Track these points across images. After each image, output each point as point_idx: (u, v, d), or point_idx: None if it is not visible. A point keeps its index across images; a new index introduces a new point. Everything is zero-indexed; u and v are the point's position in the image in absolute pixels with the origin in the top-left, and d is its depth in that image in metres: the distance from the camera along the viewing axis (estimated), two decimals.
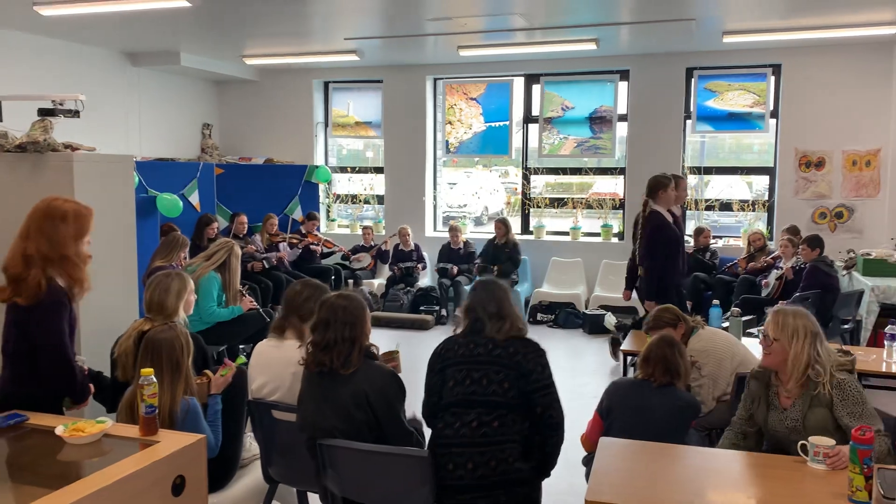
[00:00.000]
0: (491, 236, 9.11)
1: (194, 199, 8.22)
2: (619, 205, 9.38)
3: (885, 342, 4.30)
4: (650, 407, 3.19)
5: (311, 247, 8.96)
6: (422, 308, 8.65)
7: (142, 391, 2.67)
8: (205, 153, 10.19)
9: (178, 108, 9.85)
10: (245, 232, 8.49)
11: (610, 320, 8.12)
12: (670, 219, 5.53)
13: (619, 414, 3.25)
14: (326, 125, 10.48)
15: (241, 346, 5.83)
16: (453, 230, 9.21)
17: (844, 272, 7.30)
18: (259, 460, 3.37)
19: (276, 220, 8.83)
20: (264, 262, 8.16)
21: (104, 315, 4.13)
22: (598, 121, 9.27)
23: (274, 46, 8.65)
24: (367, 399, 2.82)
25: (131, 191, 4.63)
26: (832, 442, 2.61)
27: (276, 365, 3.19)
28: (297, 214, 9.44)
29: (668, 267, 5.44)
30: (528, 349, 2.88)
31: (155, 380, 2.71)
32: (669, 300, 5.17)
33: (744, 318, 5.44)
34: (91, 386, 3.17)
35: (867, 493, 2.34)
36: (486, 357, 2.86)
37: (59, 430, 2.63)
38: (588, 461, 3.41)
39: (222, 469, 3.20)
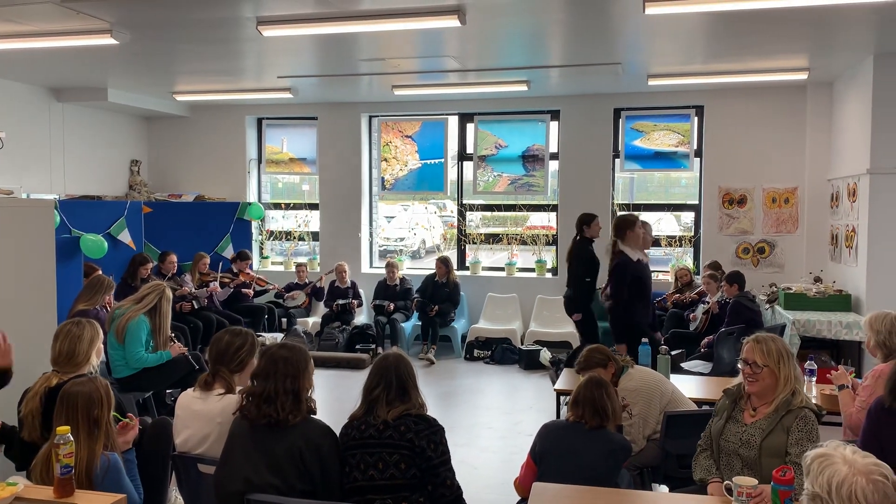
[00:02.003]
0: (429, 272, 9.11)
1: (125, 237, 7.99)
2: (553, 240, 9.54)
3: (805, 377, 4.45)
4: (582, 450, 3.20)
5: (244, 286, 8.79)
6: (357, 346, 8.56)
7: (57, 451, 2.55)
8: (133, 190, 9.94)
9: (105, 144, 9.60)
10: (174, 271, 8.27)
11: (545, 356, 8.21)
12: (637, 258, 5.48)
13: (552, 458, 3.26)
14: (260, 162, 10.37)
15: (168, 392, 5.65)
16: (390, 266, 9.18)
17: (767, 306, 7.58)
18: None
19: (207, 259, 8.65)
20: (194, 302, 7.95)
21: (19, 365, 3.94)
22: (531, 159, 9.45)
23: (205, 83, 8.55)
24: (300, 455, 2.77)
25: (51, 236, 4.46)
26: (755, 482, 2.68)
27: (202, 417, 3.10)
28: (229, 253, 9.26)
29: (638, 307, 5.39)
30: (420, 427, 2.83)
31: (71, 438, 2.59)
32: (637, 341, 5.22)
33: (673, 353, 5.57)
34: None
35: None
36: (377, 440, 2.82)
37: None
38: None
39: None
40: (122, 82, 8.46)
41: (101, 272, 6.24)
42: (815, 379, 4.47)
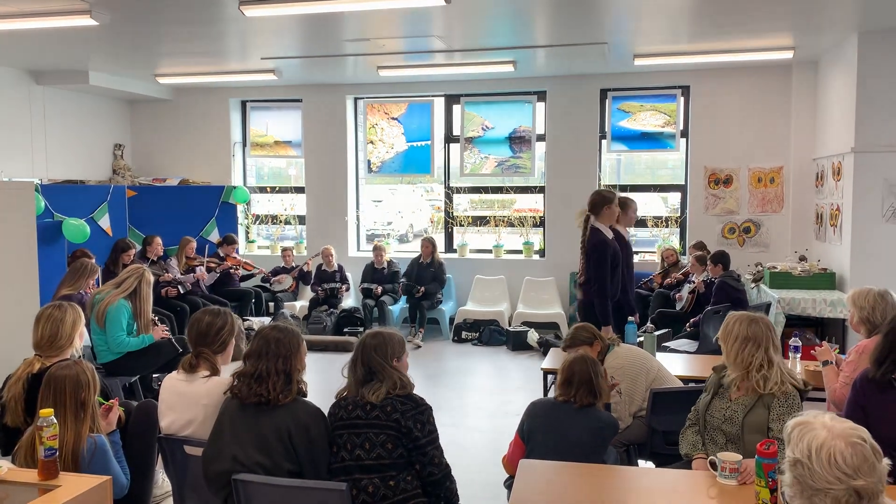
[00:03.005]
0: (415, 255, 9.10)
1: (104, 222, 7.92)
2: (540, 222, 9.54)
3: (790, 353, 4.49)
4: (570, 428, 3.21)
5: (231, 270, 8.75)
6: (346, 330, 8.55)
7: (41, 433, 2.53)
8: (116, 175, 9.84)
9: (88, 128, 9.48)
10: (160, 255, 8.22)
11: (533, 336, 8.24)
12: (611, 235, 5.30)
13: (540, 436, 3.27)
14: (245, 145, 10.29)
15: (154, 376, 5.63)
16: (377, 250, 9.16)
17: (753, 285, 7.63)
18: (171, 497, 3.24)
19: (193, 243, 8.59)
20: (180, 286, 7.90)
21: (1, 351, 3.91)
22: (518, 140, 9.43)
23: (188, 65, 8.45)
24: (289, 435, 2.78)
25: (32, 219, 4.41)
26: (739, 457, 2.70)
27: (186, 400, 3.08)
28: (214, 237, 9.21)
29: (612, 285, 5.21)
30: (406, 407, 2.83)
31: (55, 421, 2.58)
32: (616, 319, 5.15)
33: (659, 333, 5.58)
34: None
35: None
36: (364, 420, 2.83)
37: None
38: (510, 484, 3.41)
39: None
40: (104, 65, 8.34)
41: (93, 258, 6.18)
42: (799, 356, 4.50)
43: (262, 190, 10.42)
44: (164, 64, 8.35)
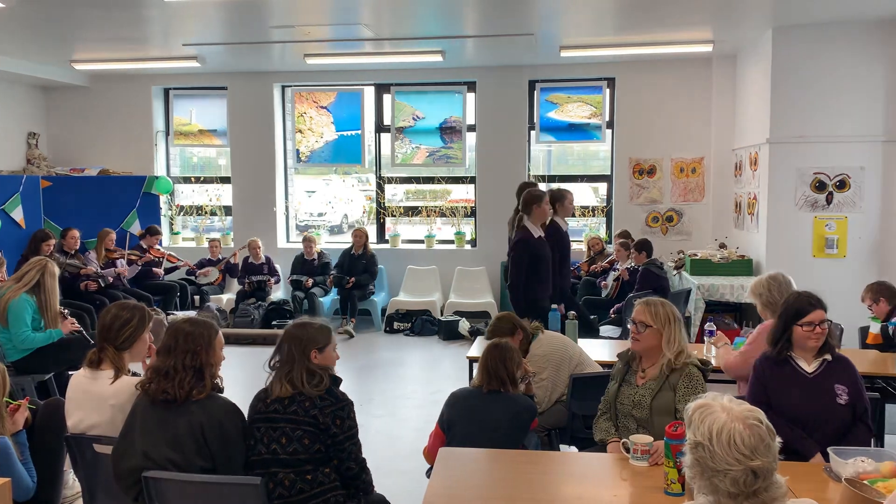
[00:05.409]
0: (346, 246, 9.02)
1: (17, 214, 7.58)
2: (471, 212, 9.59)
3: (705, 337, 4.64)
4: (489, 415, 3.24)
5: (154, 263, 8.49)
6: (274, 323, 8.42)
7: None
8: (31, 164, 9.41)
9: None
10: (77, 248, 7.91)
11: (464, 325, 8.29)
12: (538, 234, 5.37)
13: (461, 425, 3.28)
14: (168, 133, 9.99)
15: (70, 373, 5.41)
16: (307, 241, 9.04)
17: (675, 272, 7.85)
18: (81, 498, 3.13)
19: (113, 235, 8.31)
20: (100, 280, 7.63)
21: None
22: (449, 131, 9.44)
23: (106, 51, 8.13)
24: (202, 432, 2.70)
25: None
26: (649, 439, 2.78)
27: (93, 399, 2.97)
28: (136, 228, 8.92)
29: (535, 285, 5.29)
30: (325, 403, 2.79)
31: None
32: (541, 317, 5.19)
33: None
34: None
35: (680, 486, 2.50)
36: (281, 415, 2.78)
37: None
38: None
39: None
40: (14, 49, 7.94)
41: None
42: (714, 339, 4.65)
43: (187, 180, 10.14)
44: (80, 49, 8.02)
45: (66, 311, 5.12)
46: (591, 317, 6.59)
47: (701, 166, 8.78)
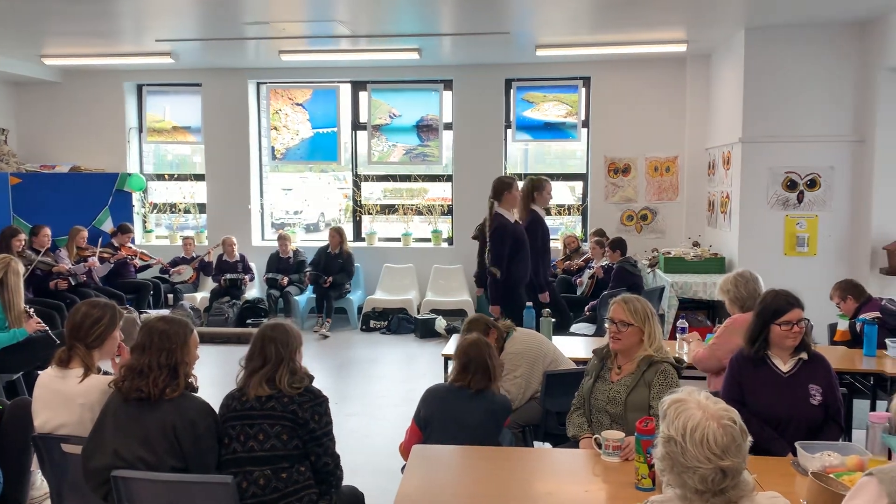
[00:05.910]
0: (323, 244, 8.97)
1: None
2: (448, 210, 9.59)
3: (677, 334, 4.69)
4: (465, 412, 3.24)
5: (126, 261, 8.39)
6: (248, 321, 8.35)
7: None
8: (0, 161, 9.25)
9: None
10: (48, 246, 7.79)
11: (440, 324, 8.29)
12: (514, 220, 5.47)
13: (437, 422, 3.28)
14: (141, 130, 9.87)
15: (38, 373, 5.33)
16: (282, 239, 8.98)
17: (649, 270, 7.91)
18: (49, 499, 3.08)
19: (84, 232, 8.19)
20: (71, 278, 7.52)
21: None
22: (425, 129, 9.43)
23: (78, 46, 8.01)
24: (174, 431, 2.68)
25: None
26: (621, 435, 2.80)
27: (61, 398, 2.92)
28: (108, 226, 8.81)
29: (513, 269, 5.38)
30: (303, 398, 2.78)
31: None
32: (516, 303, 5.26)
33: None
34: None
35: (651, 481, 2.53)
36: (259, 411, 2.76)
37: None
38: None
39: None
40: None
41: None
42: (685, 336, 4.70)
43: (161, 177, 10.03)
44: (51, 44, 7.89)
45: (31, 309, 5.02)
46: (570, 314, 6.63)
47: (675, 165, 8.86)
